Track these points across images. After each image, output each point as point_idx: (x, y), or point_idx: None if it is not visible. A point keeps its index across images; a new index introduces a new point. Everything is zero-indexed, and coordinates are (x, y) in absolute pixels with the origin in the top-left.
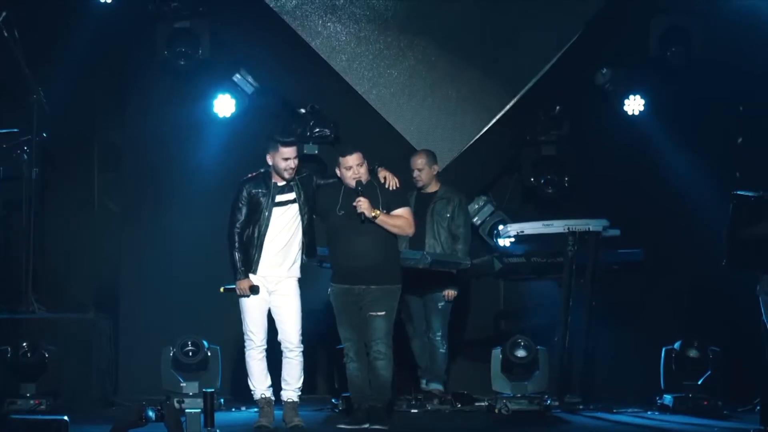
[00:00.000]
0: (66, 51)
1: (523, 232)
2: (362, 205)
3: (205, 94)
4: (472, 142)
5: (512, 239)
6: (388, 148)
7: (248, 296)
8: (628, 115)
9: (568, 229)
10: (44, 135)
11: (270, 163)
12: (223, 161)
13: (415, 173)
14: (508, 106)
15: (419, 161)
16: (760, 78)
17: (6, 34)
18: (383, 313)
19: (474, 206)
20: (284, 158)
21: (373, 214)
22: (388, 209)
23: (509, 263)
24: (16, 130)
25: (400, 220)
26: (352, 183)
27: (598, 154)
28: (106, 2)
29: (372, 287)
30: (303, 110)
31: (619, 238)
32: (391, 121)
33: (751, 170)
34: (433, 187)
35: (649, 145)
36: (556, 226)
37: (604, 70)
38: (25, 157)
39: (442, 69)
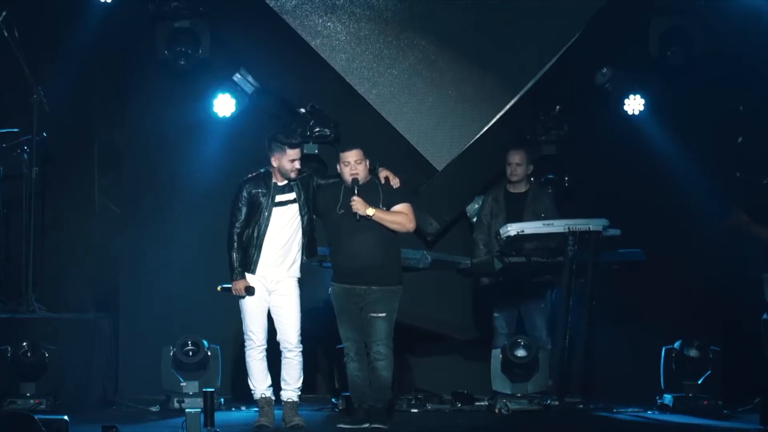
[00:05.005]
0: (66, 51)
1: (523, 231)
2: (355, 204)
3: (205, 94)
4: (472, 142)
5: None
6: (388, 148)
7: (243, 297)
8: (628, 115)
9: (569, 228)
10: (44, 135)
11: (275, 165)
12: (223, 161)
13: (514, 167)
14: (508, 106)
15: (521, 156)
16: (760, 78)
17: (6, 34)
18: (384, 314)
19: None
20: (291, 159)
21: (368, 212)
22: (389, 207)
23: (509, 263)
24: (16, 129)
25: (399, 216)
26: (350, 179)
27: (598, 154)
28: (106, 2)
29: (373, 287)
30: (303, 110)
31: (619, 238)
32: (391, 121)
33: (751, 170)
34: (524, 187)
35: (649, 145)
36: (556, 226)
37: (604, 70)
38: (25, 156)
39: (442, 68)
